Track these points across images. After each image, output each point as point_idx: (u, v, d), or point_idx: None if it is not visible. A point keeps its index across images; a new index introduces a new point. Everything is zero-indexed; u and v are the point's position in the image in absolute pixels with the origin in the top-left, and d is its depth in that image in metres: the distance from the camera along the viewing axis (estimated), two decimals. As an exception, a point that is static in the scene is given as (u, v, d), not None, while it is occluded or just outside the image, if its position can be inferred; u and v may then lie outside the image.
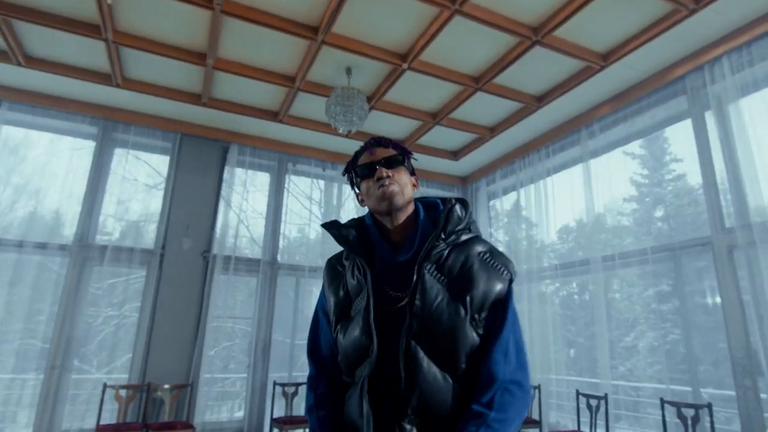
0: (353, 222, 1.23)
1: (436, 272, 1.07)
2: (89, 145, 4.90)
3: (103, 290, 5.16)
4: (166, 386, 4.46)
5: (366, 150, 1.20)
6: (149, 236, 5.07)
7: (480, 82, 4.10)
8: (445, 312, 1.02)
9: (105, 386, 4.19)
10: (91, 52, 3.90)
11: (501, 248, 6.30)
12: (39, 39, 3.76)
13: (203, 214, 5.15)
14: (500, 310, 1.08)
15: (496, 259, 1.12)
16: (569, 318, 13.76)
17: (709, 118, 3.77)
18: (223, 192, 5.27)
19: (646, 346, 13.63)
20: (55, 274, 4.62)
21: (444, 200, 1.19)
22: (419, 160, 5.85)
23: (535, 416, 4.66)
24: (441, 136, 5.33)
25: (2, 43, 3.78)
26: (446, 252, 1.10)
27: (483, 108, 4.65)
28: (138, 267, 4.84)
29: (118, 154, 5.03)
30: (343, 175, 1.27)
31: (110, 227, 5.02)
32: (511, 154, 5.66)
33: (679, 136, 3.89)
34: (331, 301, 1.20)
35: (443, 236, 1.10)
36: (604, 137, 4.65)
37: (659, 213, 15.24)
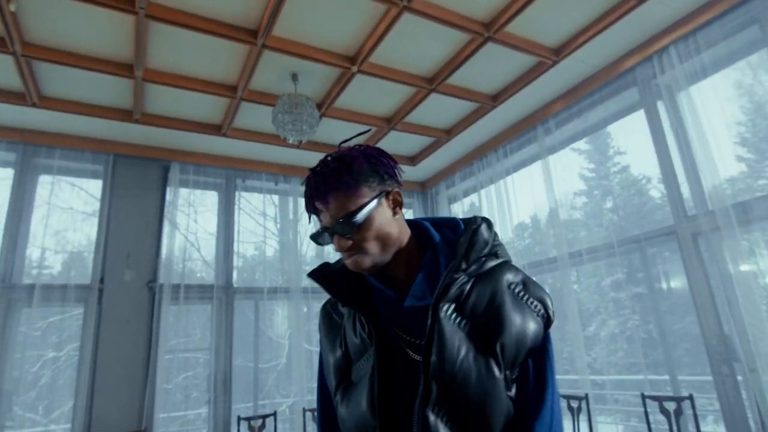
0: (342, 262, 0.93)
1: (455, 315, 0.79)
2: (8, 174, 4.37)
3: (40, 331, 4.61)
4: (114, 436, 4.00)
5: (310, 208, 0.89)
6: (85, 269, 4.57)
7: (434, 83, 3.95)
8: (473, 370, 0.75)
9: (41, 445, 3.69)
10: (-2, 69, 3.44)
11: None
12: (-68, 56, 3.27)
13: (145, 241, 4.70)
14: (537, 363, 0.79)
15: (529, 293, 0.83)
16: (533, 313, 13.97)
17: (661, 108, 3.78)
18: (168, 214, 4.85)
19: (608, 335, 14.01)
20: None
21: (462, 221, 0.91)
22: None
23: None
24: (397, 142, 5.15)
25: None
26: (468, 286, 0.81)
27: (438, 110, 4.52)
28: (74, 305, 4.34)
29: (43, 181, 4.52)
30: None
31: (39, 263, 4.49)
32: (469, 156, 5.57)
33: (623, 130, 3.94)
34: (330, 360, 0.92)
35: (464, 266, 0.81)
36: (559, 133, 4.62)
37: (609, 204, 15.81)
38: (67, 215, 4.63)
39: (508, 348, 0.77)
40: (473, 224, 0.87)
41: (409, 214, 7.03)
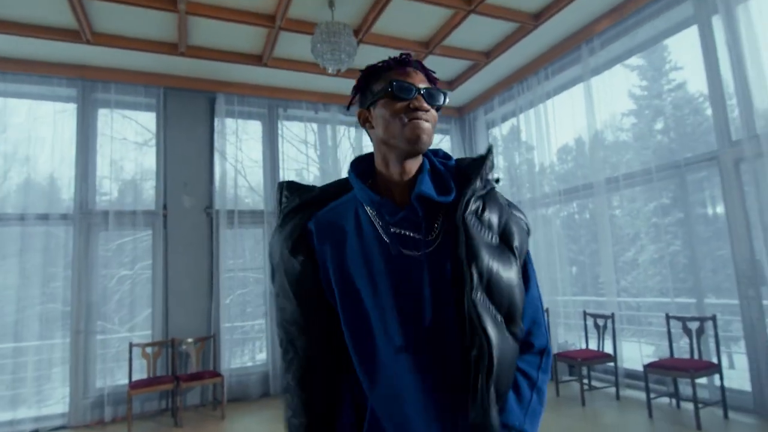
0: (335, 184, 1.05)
1: (477, 223, 0.91)
2: (71, 108, 4.71)
3: (112, 251, 5.18)
4: (190, 340, 4.62)
5: (402, 66, 0.93)
6: (148, 196, 5.02)
7: (472, 2, 3.83)
8: (500, 263, 0.90)
9: (131, 345, 4.34)
10: (54, 8, 3.62)
11: (501, 174, 6.29)
12: (-4, -2, 3.48)
13: (200, 170, 5.05)
14: (527, 265, 0.98)
15: (516, 211, 0.99)
16: (571, 237, 14.03)
17: (717, 23, 3.56)
18: (217, 144, 5.14)
19: (647, 260, 13.97)
20: (62, 240, 4.62)
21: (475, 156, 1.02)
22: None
23: (544, 337, 4.87)
24: (435, 66, 4.99)
25: (-43, 6, 3.51)
26: (481, 202, 0.93)
27: (477, 32, 4.40)
28: (143, 228, 4.84)
29: (103, 114, 4.86)
30: (362, 80, 0.98)
31: (108, 190, 4.95)
32: (508, 79, 5.44)
33: (681, 44, 3.72)
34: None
35: (479, 184, 0.93)
36: (605, 53, 4.43)
37: (659, 125, 14.95)
38: (122, 146, 4.98)
39: (518, 249, 0.93)
40: (489, 153, 0.98)
41: (446, 140, 7.05)
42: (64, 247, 4.60)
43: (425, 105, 0.89)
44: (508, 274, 0.89)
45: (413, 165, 0.94)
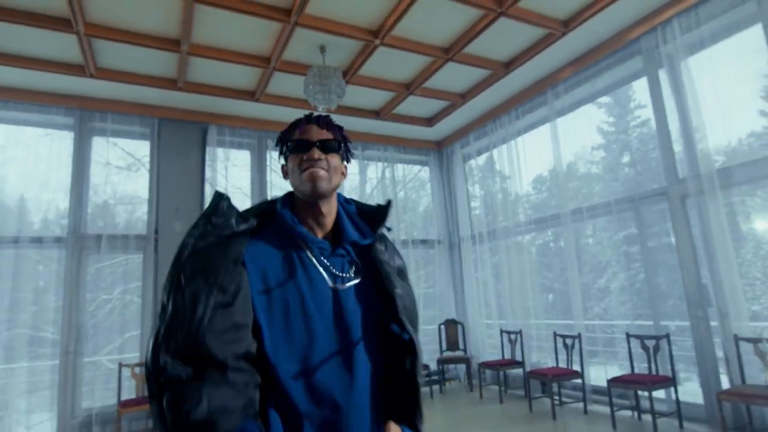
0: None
1: (386, 255, 1.14)
2: (67, 136, 4.91)
3: (102, 273, 5.29)
4: (174, 362, 4.72)
5: (303, 124, 1.11)
6: (140, 221, 5.19)
7: (450, 52, 4.26)
8: (407, 289, 1.15)
9: (120, 366, 4.43)
10: (62, 45, 3.88)
11: (477, 203, 6.68)
12: (8, 35, 3.73)
13: (191, 196, 5.27)
14: None
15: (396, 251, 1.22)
16: (546, 265, 14.45)
17: (663, 76, 4.05)
18: (207, 172, 5.38)
19: (618, 287, 14.49)
20: (54, 264, 4.73)
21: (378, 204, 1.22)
22: (395, 128, 6.06)
23: (518, 357, 5.14)
24: (415, 105, 5.50)
25: (-30, 42, 3.74)
26: (384, 244, 1.16)
27: (454, 76, 4.83)
28: (134, 251, 4.99)
29: (97, 142, 5.06)
30: (277, 145, 1.16)
31: (100, 215, 5.10)
32: (482, 118, 5.89)
33: (642, 84, 4.22)
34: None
35: (386, 226, 1.15)
36: (569, 97, 4.91)
37: (626, 159, 15.77)
38: (115, 173, 5.18)
39: (406, 273, 1.18)
40: (389, 206, 1.16)
41: (425, 170, 7.44)
42: (56, 272, 4.70)
43: (316, 155, 1.05)
44: (411, 293, 1.13)
45: (326, 208, 1.10)
